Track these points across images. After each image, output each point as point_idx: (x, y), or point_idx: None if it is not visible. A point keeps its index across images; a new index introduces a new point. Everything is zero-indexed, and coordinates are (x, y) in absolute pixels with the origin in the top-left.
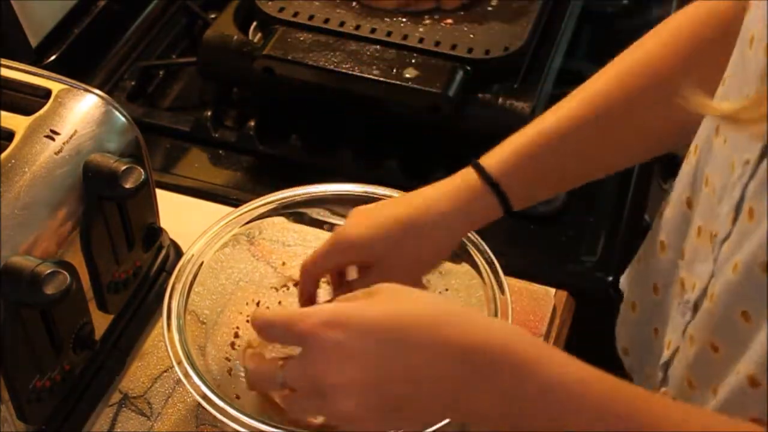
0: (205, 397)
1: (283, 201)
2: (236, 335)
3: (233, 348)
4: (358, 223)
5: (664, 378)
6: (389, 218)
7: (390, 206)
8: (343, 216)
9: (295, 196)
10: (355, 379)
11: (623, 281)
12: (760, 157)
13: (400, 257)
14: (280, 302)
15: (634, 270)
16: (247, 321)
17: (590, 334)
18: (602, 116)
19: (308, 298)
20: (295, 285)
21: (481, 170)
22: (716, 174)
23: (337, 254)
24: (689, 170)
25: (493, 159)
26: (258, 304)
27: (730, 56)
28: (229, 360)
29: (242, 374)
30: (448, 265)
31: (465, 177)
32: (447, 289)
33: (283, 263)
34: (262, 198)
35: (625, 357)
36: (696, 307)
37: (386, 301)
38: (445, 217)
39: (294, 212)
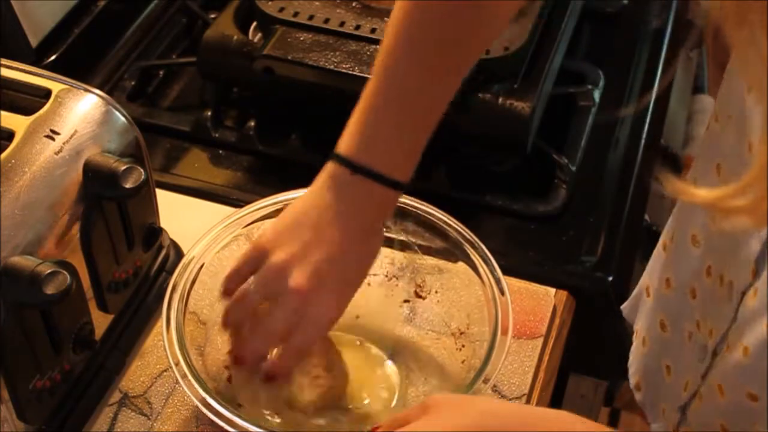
0: (202, 399)
1: (285, 203)
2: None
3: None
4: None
5: (682, 419)
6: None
7: (297, 227)
8: None
9: (296, 197)
10: None
11: (627, 311)
12: None
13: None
14: None
15: (640, 303)
16: None
17: (590, 334)
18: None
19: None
20: None
21: (347, 164)
22: None
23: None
24: (691, 206)
25: (356, 150)
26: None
27: None
28: (228, 368)
29: (242, 381)
30: (447, 265)
31: (338, 180)
32: (443, 289)
33: None
34: (263, 200)
35: (637, 392)
36: (715, 353)
37: (450, 416)
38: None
39: None
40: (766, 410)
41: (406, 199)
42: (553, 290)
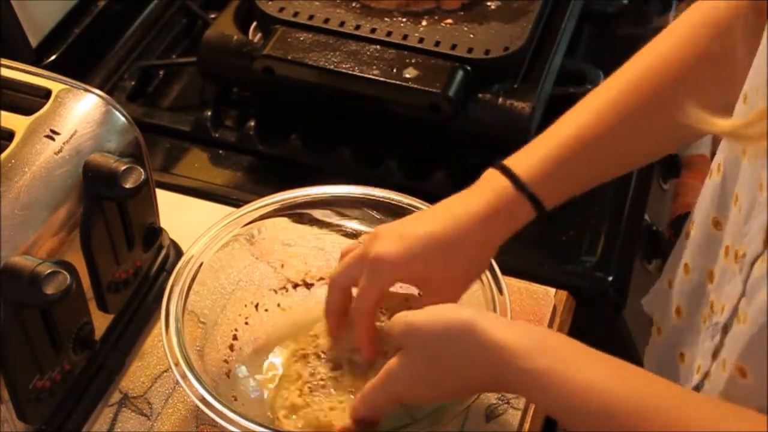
0: (202, 399)
1: (285, 202)
2: (235, 337)
3: (231, 350)
4: (391, 243)
5: None
6: (424, 236)
7: (421, 223)
8: (346, 216)
9: (296, 197)
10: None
11: (647, 304)
12: None
13: (441, 273)
14: (279, 304)
15: (657, 292)
16: (246, 323)
17: (590, 334)
18: (622, 122)
19: (340, 311)
20: (294, 287)
21: (512, 177)
22: (744, 192)
23: (376, 276)
24: (714, 189)
25: (522, 165)
26: (257, 306)
27: (730, 66)
28: (227, 362)
29: (240, 376)
30: None
31: (495, 186)
32: None
33: (282, 265)
34: (262, 199)
35: None
36: (726, 329)
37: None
38: (480, 230)
39: (295, 213)
40: (758, 385)
41: (407, 200)
42: (553, 290)
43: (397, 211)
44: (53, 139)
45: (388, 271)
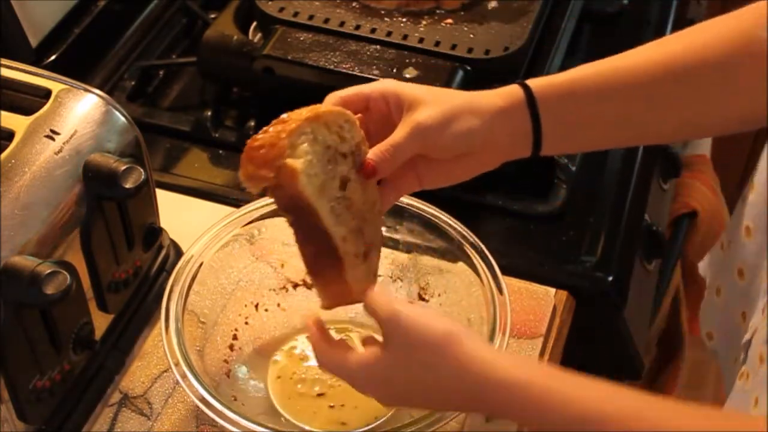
0: (202, 399)
1: None
2: (235, 337)
3: (231, 350)
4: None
5: (744, 358)
6: (438, 89)
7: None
8: None
9: None
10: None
11: (703, 267)
12: None
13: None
14: (279, 304)
15: (717, 255)
16: (246, 323)
17: (590, 334)
18: (660, 85)
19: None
20: (294, 287)
21: (525, 87)
22: None
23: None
24: None
25: (542, 80)
26: (257, 306)
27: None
28: (227, 362)
29: (240, 376)
30: (448, 265)
31: (509, 90)
32: (446, 292)
33: (282, 264)
34: (262, 199)
35: (709, 341)
36: None
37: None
38: (486, 111)
39: None
40: None
41: (407, 200)
42: (553, 290)
43: (396, 211)
44: (53, 139)
45: (385, 83)
